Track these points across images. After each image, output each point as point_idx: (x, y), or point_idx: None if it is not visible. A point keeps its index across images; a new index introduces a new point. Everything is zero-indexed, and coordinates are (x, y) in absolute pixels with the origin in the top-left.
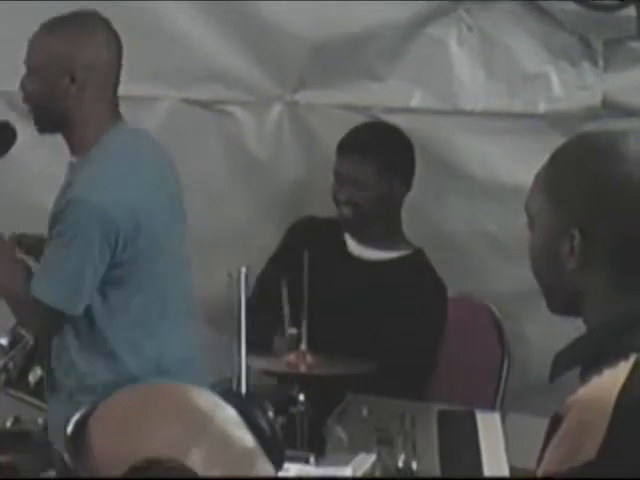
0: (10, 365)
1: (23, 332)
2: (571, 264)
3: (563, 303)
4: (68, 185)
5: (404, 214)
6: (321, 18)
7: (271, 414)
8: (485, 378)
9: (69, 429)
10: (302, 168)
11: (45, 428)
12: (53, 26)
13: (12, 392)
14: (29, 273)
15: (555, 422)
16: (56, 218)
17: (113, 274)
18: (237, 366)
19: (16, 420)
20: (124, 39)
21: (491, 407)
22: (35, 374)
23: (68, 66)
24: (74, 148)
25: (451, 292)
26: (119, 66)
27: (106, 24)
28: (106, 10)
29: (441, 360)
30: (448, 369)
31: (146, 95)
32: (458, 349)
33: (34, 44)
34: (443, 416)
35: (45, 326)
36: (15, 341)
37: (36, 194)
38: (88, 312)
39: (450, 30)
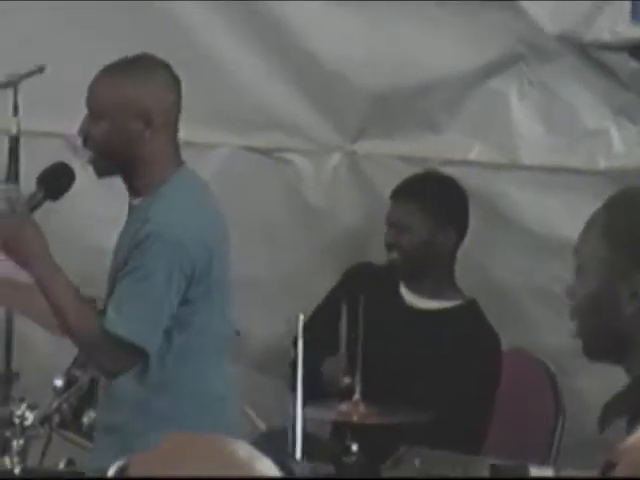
0: (64, 406)
1: (78, 374)
2: (630, 308)
3: (606, 349)
4: (133, 225)
5: (458, 265)
6: (383, 69)
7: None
8: (539, 433)
9: (110, 473)
10: (359, 216)
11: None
12: (118, 69)
13: (65, 434)
14: (95, 308)
15: (607, 469)
16: (129, 254)
17: (181, 312)
18: (292, 413)
19: (69, 462)
20: (186, 85)
21: (545, 462)
22: (89, 416)
23: (142, 109)
24: (137, 190)
25: (504, 345)
26: (180, 107)
27: (167, 67)
28: (168, 55)
29: (495, 414)
30: (502, 423)
31: (206, 141)
32: (512, 403)
33: (98, 88)
34: (495, 470)
35: (122, 364)
36: (70, 383)
37: (93, 236)
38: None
39: (511, 84)
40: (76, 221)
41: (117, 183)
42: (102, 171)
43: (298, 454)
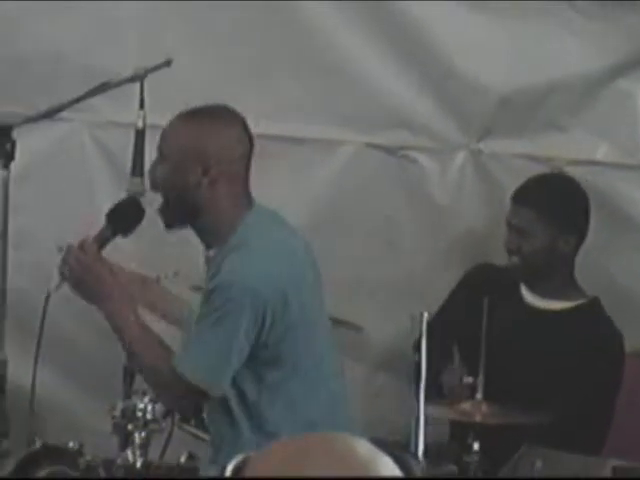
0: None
1: None
2: None
3: None
4: (209, 277)
5: (579, 264)
6: (510, 68)
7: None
8: None
9: (227, 472)
10: (484, 216)
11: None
12: (189, 116)
13: (187, 427)
14: (170, 351)
15: None
16: (204, 302)
17: (265, 355)
18: (416, 411)
19: (190, 456)
20: (315, 83)
21: None
22: None
23: (201, 158)
24: (209, 240)
25: (625, 346)
26: (250, 160)
27: (241, 119)
28: (297, 55)
29: (617, 415)
30: (624, 424)
31: (331, 138)
32: (633, 405)
33: (169, 131)
34: (618, 472)
35: (185, 405)
36: None
37: None
38: (240, 392)
39: (639, 84)
40: None
41: None
42: (169, 220)
43: (420, 454)
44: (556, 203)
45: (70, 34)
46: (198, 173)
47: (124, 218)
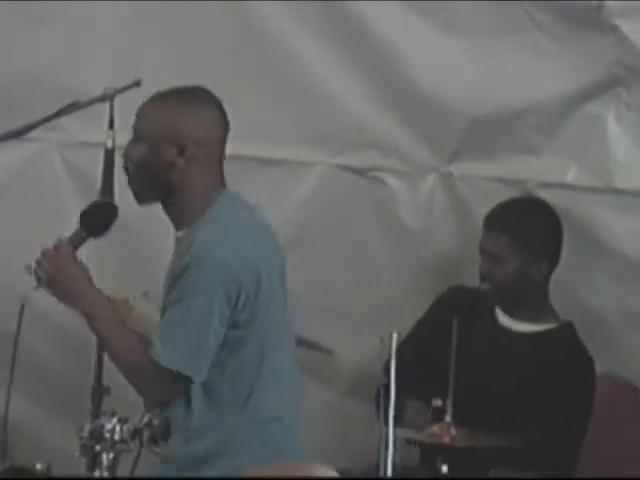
0: (155, 422)
1: None
2: None
3: None
4: (177, 257)
5: (552, 287)
6: (480, 92)
7: None
8: (631, 458)
9: None
10: (454, 239)
11: None
12: (166, 96)
13: (155, 449)
14: (145, 340)
15: None
16: (173, 284)
17: (236, 335)
18: (384, 434)
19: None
20: (284, 103)
21: None
22: None
23: (177, 138)
24: (179, 221)
25: (597, 369)
26: (225, 142)
27: (218, 101)
28: (266, 74)
29: (588, 437)
30: (593, 448)
31: (300, 159)
32: (604, 428)
33: (145, 111)
34: None
35: (168, 393)
36: None
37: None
38: None
39: (609, 107)
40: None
41: None
42: (141, 197)
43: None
44: (529, 229)
45: (41, 52)
46: (174, 153)
47: (97, 219)
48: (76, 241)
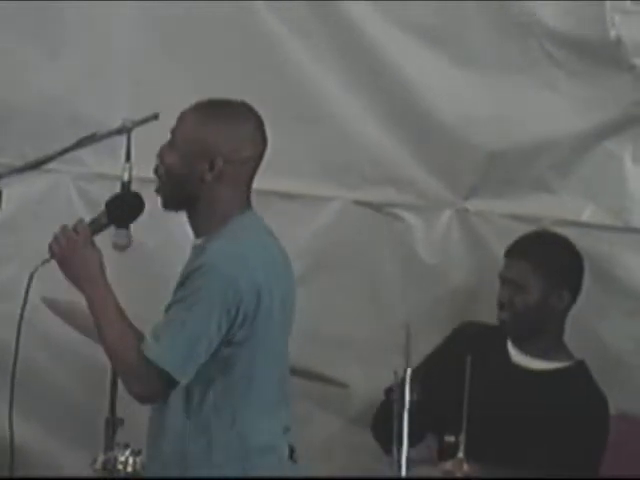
0: None
1: None
2: None
3: None
4: (190, 261)
5: (568, 326)
6: (497, 128)
7: None
8: None
9: None
10: (469, 274)
11: None
12: (205, 108)
13: None
14: (140, 337)
15: None
16: (180, 284)
17: (225, 354)
18: (396, 469)
19: None
20: (301, 138)
21: None
22: None
23: (209, 153)
24: (199, 230)
25: (611, 409)
26: (259, 161)
27: (258, 120)
28: (284, 108)
29: (601, 475)
30: None
31: (318, 194)
32: (617, 468)
33: (182, 118)
34: None
35: (153, 390)
36: None
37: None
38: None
39: (626, 145)
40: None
41: None
42: (167, 202)
43: None
44: (550, 256)
45: (59, 84)
46: (204, 167)
47: (123, 208)
48: (96, 226)
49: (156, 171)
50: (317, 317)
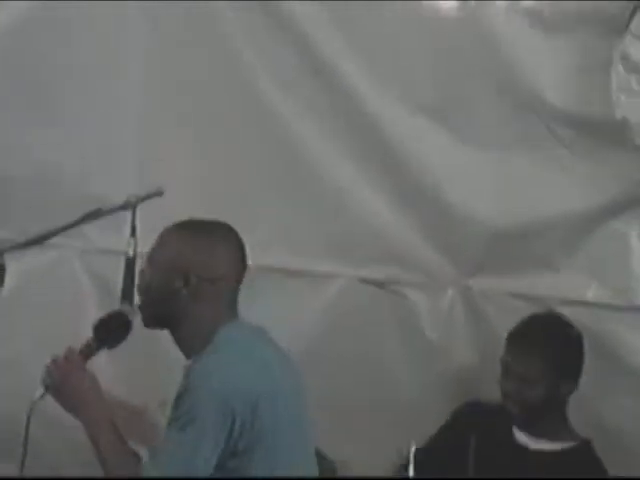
0: None
1: None
2: None
3: None
4: (181, 383)
5: (572, 405)
6: (502, 206)
7: None
8: None
9: None
10: (473, 353)
11: None
12: (183, 227)
13: None
14: (139, 460)
15: None
16: (175, 405)
17: (234, 464)
18: None
19: None
20: (305, 214)
21: None
22: None
23: (183, 270)
24: (186, 350)
25: None
26: (239, 279)
27: (237, 240)
28: (288, 184)
29: None
30: None
31: (322, 271)
32: None
33: (161, 237)
34: None
35: None
36: None
37: None
38: None
39: (632, 225)
40: None
41: None
42: (146, 320)
43: None
44: (558, 349)
45: (63, 159)
46: (180, 283)
47: (110, 331)
48: (87, 351)
49: (138, 288)
50: (320, 395)
